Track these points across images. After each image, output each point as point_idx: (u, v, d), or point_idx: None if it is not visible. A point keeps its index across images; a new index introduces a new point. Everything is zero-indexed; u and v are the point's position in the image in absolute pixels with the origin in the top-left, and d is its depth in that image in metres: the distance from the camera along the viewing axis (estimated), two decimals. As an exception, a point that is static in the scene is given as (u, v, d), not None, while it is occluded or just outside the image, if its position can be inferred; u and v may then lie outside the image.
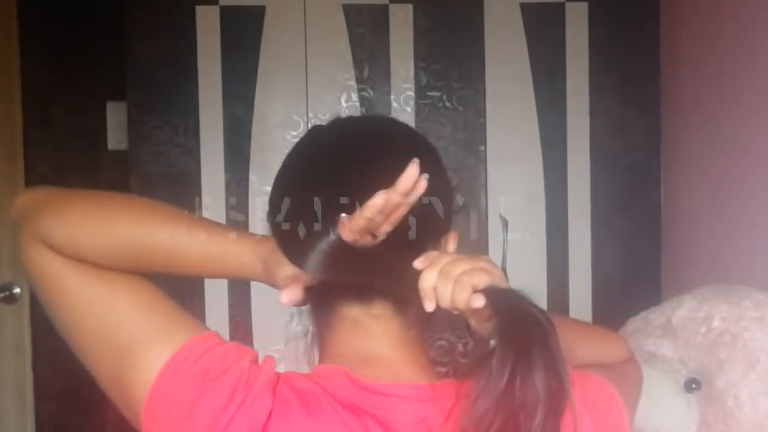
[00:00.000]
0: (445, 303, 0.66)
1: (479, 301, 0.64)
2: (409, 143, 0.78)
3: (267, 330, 2.08)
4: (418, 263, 0.68)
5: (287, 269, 0.70)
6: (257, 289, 2.08)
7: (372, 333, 0.73)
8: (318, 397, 0.67)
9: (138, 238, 0.72)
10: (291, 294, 0.69)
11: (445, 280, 0.66)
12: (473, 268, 0.66)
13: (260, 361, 0.71)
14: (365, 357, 0.72)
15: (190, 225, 0.73)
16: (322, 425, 0.66)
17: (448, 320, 0.70)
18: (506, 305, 0.65)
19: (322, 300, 0.74)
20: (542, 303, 0.79)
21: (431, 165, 0.75)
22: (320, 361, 0.74)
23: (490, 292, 0.65)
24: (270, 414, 0.65)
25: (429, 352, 0.76)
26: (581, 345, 0.83)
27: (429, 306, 0.67)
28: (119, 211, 0.74)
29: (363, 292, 0.72)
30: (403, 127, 0.81)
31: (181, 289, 2.00)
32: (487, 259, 0.68)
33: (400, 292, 0.71)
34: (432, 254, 0.69)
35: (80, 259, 0.71)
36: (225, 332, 2.10)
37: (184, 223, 0.73)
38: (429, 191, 0.73)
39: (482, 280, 0.65)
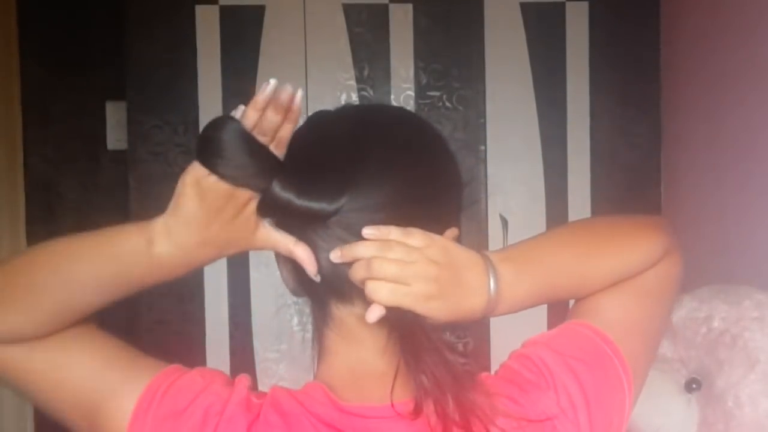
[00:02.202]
0: (353, 280, 0.66)
1: (372, 316, 0.64)
2: (416, 130, 0.76)
3: (267, 330, 2.08)
4: (367, 230, 0.66)
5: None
6: (257, 289, 2.08)
7: (359, 338, 0.70)
8: (301, 419, 0.66)
9: (59, 299, 0.67)
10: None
11: (365, 269, 0.65)
12: (389, 286, 0.64)
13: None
14: (353, 368, 0.70)
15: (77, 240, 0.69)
16: None
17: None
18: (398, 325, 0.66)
19: (315, 296, 0.73)
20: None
21: (438, 155, 0.75)
22: (317, 367, 0.73)
23: (389, 313, 0.65)
24: None
25: None
26: (595, 265, 0.75)
27: (333, 256, 0.66)
28: (28, 277, 0.68)
29: (342, 289, 0.70)
30: (412, 115, 0.80)
31: (181, 290, 2.01)
32: (426, 267, 0.65)
33: None
34: (386, 231, 0.66)
35: (34, 335, 0.68)
36: (225, 332, 2.10)
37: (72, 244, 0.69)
38: (433, 180, 0.72)
39: (383, 298, 0.64)
